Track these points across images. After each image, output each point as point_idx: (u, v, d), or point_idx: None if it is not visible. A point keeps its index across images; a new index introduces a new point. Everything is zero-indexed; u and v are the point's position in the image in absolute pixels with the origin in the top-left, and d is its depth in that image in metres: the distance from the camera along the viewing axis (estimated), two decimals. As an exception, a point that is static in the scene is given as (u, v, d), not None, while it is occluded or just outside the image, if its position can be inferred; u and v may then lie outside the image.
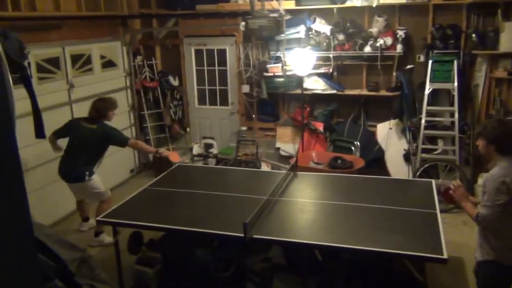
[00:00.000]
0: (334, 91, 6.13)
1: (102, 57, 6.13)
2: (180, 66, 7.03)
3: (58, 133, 4.58)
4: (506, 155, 2.75)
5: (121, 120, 6.57)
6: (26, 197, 1.06)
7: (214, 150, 6.76)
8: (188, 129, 7.19)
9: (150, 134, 6.99)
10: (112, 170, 6.29)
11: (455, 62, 5.45)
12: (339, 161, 5.44)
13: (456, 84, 5.43)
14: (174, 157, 4.83)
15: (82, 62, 5.73)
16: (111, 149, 6.17)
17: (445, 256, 2.82)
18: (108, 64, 6.28)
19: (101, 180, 4.73)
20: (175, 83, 6.95)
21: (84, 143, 4.53)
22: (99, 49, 6.04)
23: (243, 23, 5.52)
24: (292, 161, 4.72)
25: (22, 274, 1.07)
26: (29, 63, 3.22)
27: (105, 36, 6.22)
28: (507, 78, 5.48)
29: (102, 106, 4.60)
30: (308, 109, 6.36)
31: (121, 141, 4.68)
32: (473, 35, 5.49)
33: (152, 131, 7.05)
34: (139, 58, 6.82)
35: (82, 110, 5.48)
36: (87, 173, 4.52)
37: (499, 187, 2.64)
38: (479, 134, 2.87)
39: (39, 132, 3.43)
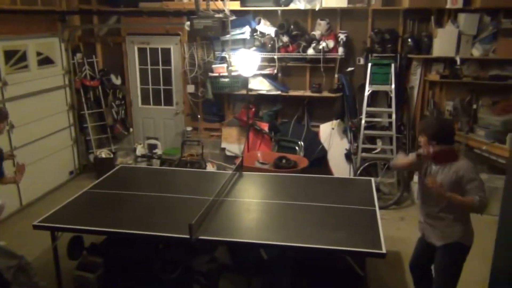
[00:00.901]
0: (279, 92, 6.22)
1: (39, 53, 5.85)
2: (122, 65, 6.84)
3: None
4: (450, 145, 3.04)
5: (59, 120, 6.32)
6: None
7: (159, 151, 6.66)
8: (131, 130, 7.01)
9: (91, 134, 6.75)
10: (50, 172, 6.04)
11: (393, 65, 5.70)
12: (283, 161, 5.54)
13: (393, 86, 5.69)
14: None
15: (16, 59, 5.43)
16: (48, 150, 5.97)
17: (383, 250, 2.96)
18: (45, 61, 6.00)
19: None
20: (117, 82, 6.76)
21: None
22: (35, 45, 5.75)
23: (188, 22, 5.45)
24: (238, 161, 4.74)
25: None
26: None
27: (42, 32, 5.94)
28: (439, 81, 5.82)
29: None
30: (253, 109, 6.40)
31: None
32: (409, 40, 5.78)
33: (93, 131, 6.82)
34: (78, 55, 6.57)
35: (16, 109, 5.22)
36: None
37: (479, 175, 2.95)
38: (421, 132, 3.10)
39: None
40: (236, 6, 6.02)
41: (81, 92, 6.60)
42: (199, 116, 6.73)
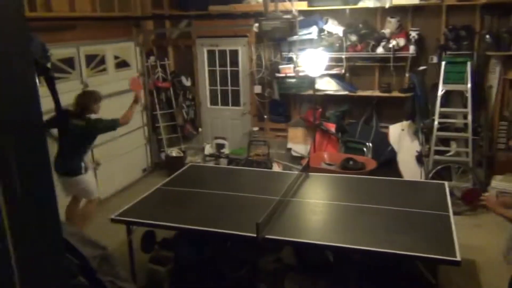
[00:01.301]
0: (346, 92, 6.12)
1: (116, 57, 6.20)
2: (192, 67, 7.08)
3: (50, 124, 4.51)
4: None
5: (134, 120, 6.62)
6: (55, 196, 1.10)
7: (226, 150, 6.80)
8: (200, 129, 7.23)
9: (163, 134, 7.05)
10: (125, 169, 6.37)
11: (469, 63, 5.41)
12: (351, 162, 5.44)
13: (469, 85, 5.40)
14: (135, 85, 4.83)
15: (96, 62, 5.80)
16: (124, 149, 6.30)
17: (458, 258, 2.81)
18: (122, 64, 6.35)
19: (94, 182, 4.77)
20: (188, 83, 7.00)
21: (73, 140, 4.49)
22: (113, 50, 6.11)
23: (256, 24, 5.54)
24: (304, 161, 4.73)
25: (51, 273, 1.10)
26: (52, 65, 3.27)
27: (119, 37, 6.29)
28: (522, 80, 5.44)
29: (83, 101, 4.51)
30: (320, 110, 6.36)
31: (111, 127, 4.66)
32: (487, 36, 5.45)
33: (165, 131, 7.11)
34: (152, 58, 6.88)
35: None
36: (82, 165, 4.52)
37: None
38: None
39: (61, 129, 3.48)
40: (304, 6, 6.01)
41: (154, 94, 6.91)
42: (265, 117, 6.80)
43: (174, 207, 3.91)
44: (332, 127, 6.22)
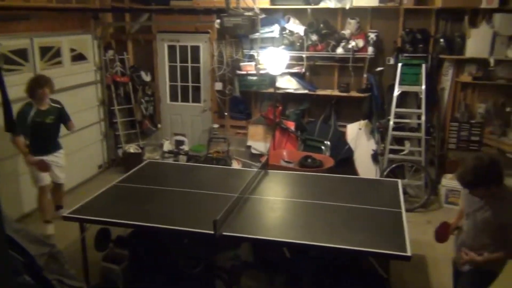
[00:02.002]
0: (306, 91, 6.20)
1: (72, 50, 6.00)
2: (152, 62, 6.96)
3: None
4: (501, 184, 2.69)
5: (90, 115, 6.48)
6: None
7: (185, 147, 6.74)
8: (159, 126, 7.13)
9: (120, 129, 6.89)
10: (79, 166, 6.18)
11: (423, 65, 5.59)
12: (309, 160, 5.51)
13: (423, 87, 5.59)
14: (43, 167, 4.60)
15: (51, 55, 5.59)
16: (79, 144, 6.12)
17: (409, 253, 2.91)
18: (78, 57, 6.15)
19: None
20: (147, 78, 6.88)
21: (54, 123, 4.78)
22: (69, 42, 5.91)
23: (218, 20, 5.50)
24: (263, 159, 4.75)
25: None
26: (3, 56, 3.11)
27: (76, 29, 6.09)
28: (472, 83, 5.68)
29: (30, 85, 4.58)
30: (280, 108, 6.41)
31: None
32: (441, 40, 5.66)
33: (122, 126, 6.96)
34: (110, 52, 6.71)
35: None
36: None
37: None
38: (475, 186, 2.68)
39: (10, 125, 3.34)
40: (266, 4, 6.03)
41: (111, 88, 6.74)
42: (226, 114, 6.78)
43: (130, 204, 3.83)
44: (291, 125, 6.29)
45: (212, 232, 3.09)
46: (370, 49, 5.86)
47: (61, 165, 4.98)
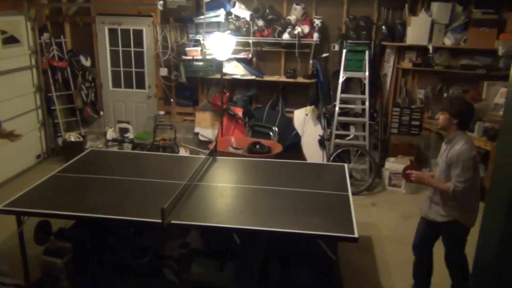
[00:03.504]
0: (253, 77, 6.17)
1: (3, 32, 5.60)
2: (92, 46, 6.64)
3: None
4: (463, 129, 3.14)
5: (25, 102, 6.09)
6: None
7: (130, 135, 6.54)
8: (101, 113, 6.84)
9: (59, 117, 6.55)
10: (16, 155, 5.83)
11: (367, 52, 5.73)
12: (257, 146, 5.52)
13: (367, 73, 5.73)
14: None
15: (-22, 37, 5.19)
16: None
17: (356, 235, 2.98)
18: (10, 40, 5.75)
19: None
20: (87, 63, 6.56)
21: None
22: (-1, 23, 5.50)
23: (161, 2, 5.32)
24: (211, 146, 4.69)
25: None
26: None
27: (7, 10, 5.68)
28: (412, 69, 5.89)
29: None
30: (227, 94, 6.34)
31: None
32: (383, 27, 5.82)
33: (62, 114, 6.61)
34: (46, 35, 6.32)
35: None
36: None
37: (470, 163, 3.00)
38: (444, 109, 3.14)
39: None
40: (211, -13, 5.90)
41: (48, 73, 6.37)
42: (172, 100, 6.62)
43: (72, 194, 3.64)
44: (239, 112, 6.25)
45: (160, 221, 3.01)
46: (316, 35, 5.91)
47: None
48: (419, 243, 3.46)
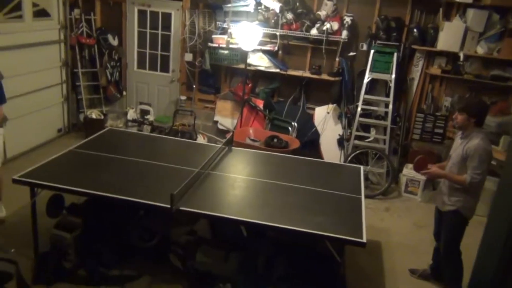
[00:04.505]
0: (278, 70, 6.11)
1: (35, 4, 5.66)
2: (121, 25, 6.67)
3: None
4: (480, 127, 3.39)
5: (51, 76, 6.19)
6: None
7: (150, 117, 6.57)
8: (124, 93, 6.89)
9: (83, 93, 6.62)
10: (38, 127, 5.94)
11: (395, 54, 5.60)
12: (275, 140, 5.48)
13: (394, 76, 5.61)
14: None
15: (10, 8, 5.25)
16: (37, 105, 5.85)
17: (364, 240, 2.93)
18: (41, 13, 5.82)
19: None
20: (114, 42, 6.60)
21: None
22: (31, -4, 5.57)
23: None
24: (229, 135, 4.67)
25: None
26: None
27: (40, -17, 5.74)
28: (440, 76, 5.74)
29: None
30: (250, 85, 6.31)
31: None
32: (415, 30, 5.67)
33: (85, 90, 6.69)
34: (76, 11, 6.38)
35: (6, 60, 5.08)
36: None
37: (486, 157, 3.24)
38: (462, 109, 3.36)
39: None
40: (243, -24, 5.85)
41: (76, 49, 6.44)
42: (194, 86, 6.62)
43: (86, 171, 3.68)
44: (260, 104, 6.21)
45: (169, 206, 3.02)
46: (345, 33, 5.81)
47: None
48: (437, 230, 3.69)
